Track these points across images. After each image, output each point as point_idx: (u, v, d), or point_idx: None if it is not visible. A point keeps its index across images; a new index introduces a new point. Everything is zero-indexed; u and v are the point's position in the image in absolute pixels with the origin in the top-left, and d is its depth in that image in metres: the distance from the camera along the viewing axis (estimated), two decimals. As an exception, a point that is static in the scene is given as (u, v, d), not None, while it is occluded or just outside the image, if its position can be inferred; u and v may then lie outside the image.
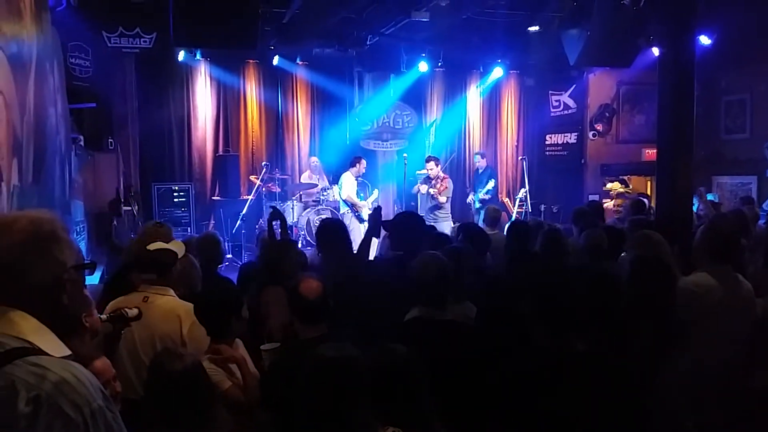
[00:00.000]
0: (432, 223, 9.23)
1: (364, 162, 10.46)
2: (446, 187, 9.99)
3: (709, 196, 9.41)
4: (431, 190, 9.88)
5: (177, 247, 3.79)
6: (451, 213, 10.17)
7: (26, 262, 1.53)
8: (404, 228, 4.68)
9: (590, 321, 2.83)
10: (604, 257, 4.41)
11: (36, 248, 1.54)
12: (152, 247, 3.71)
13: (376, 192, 10.83)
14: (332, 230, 4.66)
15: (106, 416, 1.45)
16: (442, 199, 9.85)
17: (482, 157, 11.43)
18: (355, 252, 4.69)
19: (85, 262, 1.71)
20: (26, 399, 1.37)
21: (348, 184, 10.25)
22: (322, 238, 4.59)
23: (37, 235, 1.55)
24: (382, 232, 5.09)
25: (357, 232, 9.19)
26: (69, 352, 1.53)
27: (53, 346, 1.51)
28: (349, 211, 10.15)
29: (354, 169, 10.35)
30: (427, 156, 10.74)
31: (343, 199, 10.24)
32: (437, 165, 10.19)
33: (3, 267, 1.51)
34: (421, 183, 10.22)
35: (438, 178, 10.02)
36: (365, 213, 10.15)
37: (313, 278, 3.12)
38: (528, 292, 2.85)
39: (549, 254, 4.57)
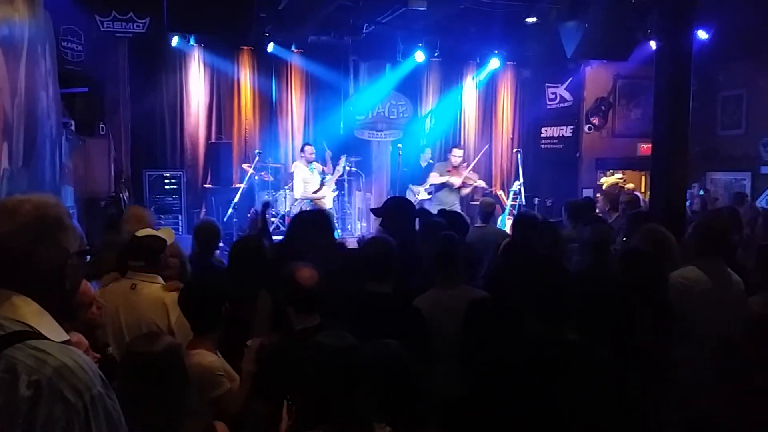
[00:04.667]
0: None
1: (308, 148, 10.15)
2: (474, 176, 10.25)
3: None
4: (479, 183, 10.14)
5: (166, 233, 3.76)
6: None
7: (30, 247, 1.53)
8: (395, 213, 4.66)
9: (586, 312, 2.83)
10: (606, 252, 4.38)
11: (40, 233, 1.55)
12: (141, 233, 3.68)
13: (342, 159, 10.50)
14: (310, 221, 4.59)
15: (105, 403, 1.45)
16: (481, 182, 10.18)
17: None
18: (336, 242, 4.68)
19: (87, 248, 1.71)
20: (27, 382, 1.38)
21: (298, 179, 9.95)
22: (298, 229, 4.52)
23: (41, 220, 1.56)
24: (374, 218, 5.09)
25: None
26: (68, 337, 1.55)
27: (53, 330, 1.52)
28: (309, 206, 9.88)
29: (303, 158, 10.13)
30: (455, 143, 10.95)
31: (297, 198, 10.01)
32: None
33: (6, 251, 1.51)
34: (443, 172, 10.18)
35: (461, 166, 10.13)
36: (329, 203, 9.98)
37: (309, 266, 3.07)
38: (522, 283, 2.84)
39: (545, 247, 4.55)
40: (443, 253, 3.75)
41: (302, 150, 10.23)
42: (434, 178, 10.23)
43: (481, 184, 10.39)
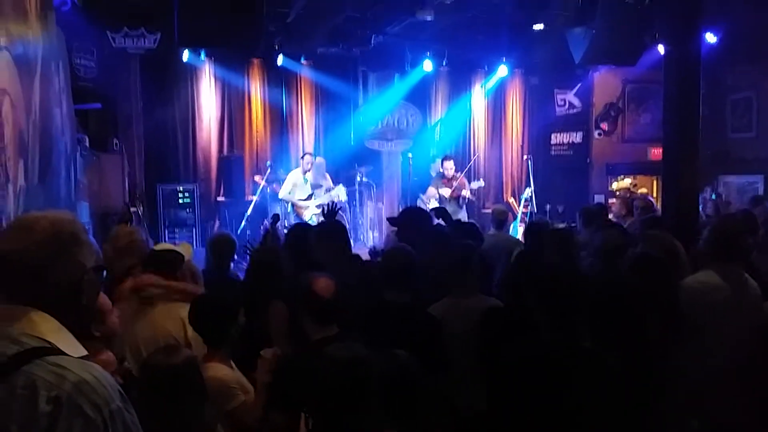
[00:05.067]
0: None
1: (307, 157, 10.20)
2: (465, 184, 10.17)
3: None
4: (464, 193, 10.05)
5: (184, 249, 3.81)
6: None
7: (47, 263, 1.54)
8: (411, 224, 4.70)
9: (598, 318, 2.84)
10: (618, 257, 4.38)
11: (57, 249, 1.56)
12: (159, 247, 3.73)
13: (338, 189, 10.45)
14: (331, 232, 4.61)
15: (124, 417, 1.46)
16: (466, 192, 10.04)
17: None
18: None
19: (102, 263, 1.72)
20: (47, 398, 1.38)
21: (289, 182, 10.03)
22: (320, 240, 4.54)
23: (58, 236, 1.57)
24: (387, 228, 5.11)
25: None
26: (86, 353, 1.56)
27: (71, 346, 1.52)
28: (291, 211, 10.01)
29: (301, 166, 10.19)
30: (445, 155, 10.78)
31: (280, 198, 10.07)
32: (454, 164, 10.33)
33: (24, 267, 1.52)
34: (439, 186, 10.22)
35: (455, 177, 10.11)
36: (308, 215, 9.86)
37: (326, 277, 3.09)
38: (535, 288, 2.85)
39: (559, 253, 4.55)
40: (459, 263, 3.76)
41: (302, 158, 10.29)
42: (431, 191, 10.30)
43: (467, 194, 10.28)
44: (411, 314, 3.41)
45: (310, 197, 10.04)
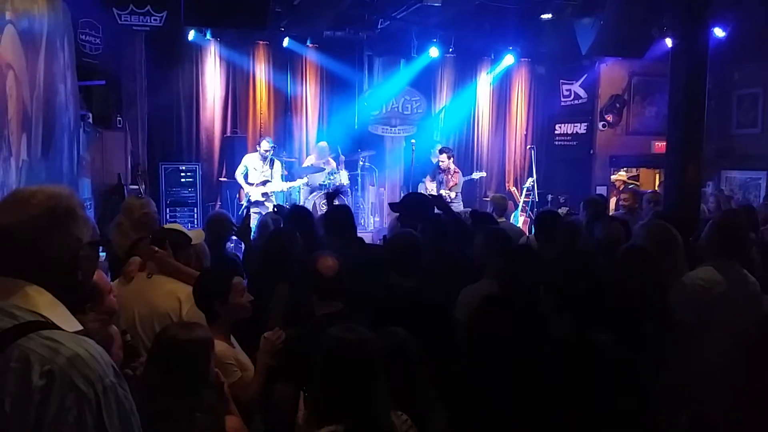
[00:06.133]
0: None
1: (264, 143, 9.83)
2: (456, 183, 10.01)
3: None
4: (443, 191, 9.86)
5: (195, 234, 3.83)
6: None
7: (43, 237, 1.54)
8: (412, 209, 4.71)
9: (610, 311, 2.85)
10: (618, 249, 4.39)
11: (53, 223, 1.55)
12: (168, 226, 3.76)
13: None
14: (339, 216, 4.64)
15: (117, 393, 1.46)
16: (452, 194, 9.87)
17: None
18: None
19: (99, 239, 1.72)
20: (40, 372, 1.38)
21: (242, 164, 9.80)
22: (329, 223, 4.59)
23: (54, 210, 1.56)
24: (390, 213, 5.14)
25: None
26: (81, 327, 1.55)
27: (66, 320, 1.52)
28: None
29: (257, 152, 9.90)
30: (439, 147, 10.66)
31: (236, 176, 9.90)
32: (449, 158, 10.15)
33: (20, 241, 1.52)
34: (429, 179, 10.19)
35: (449, 171, 10.01)
36: (253, 194, 9.62)
37: (330, 255, 3.19)
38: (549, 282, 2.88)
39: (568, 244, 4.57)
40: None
41: (258, 144, 10.00)
42: (428, 181, 10.24)
43: (452, 192, 10.19)
44: (416, 299, 3.43)
45: (265, 183, 9.79)
